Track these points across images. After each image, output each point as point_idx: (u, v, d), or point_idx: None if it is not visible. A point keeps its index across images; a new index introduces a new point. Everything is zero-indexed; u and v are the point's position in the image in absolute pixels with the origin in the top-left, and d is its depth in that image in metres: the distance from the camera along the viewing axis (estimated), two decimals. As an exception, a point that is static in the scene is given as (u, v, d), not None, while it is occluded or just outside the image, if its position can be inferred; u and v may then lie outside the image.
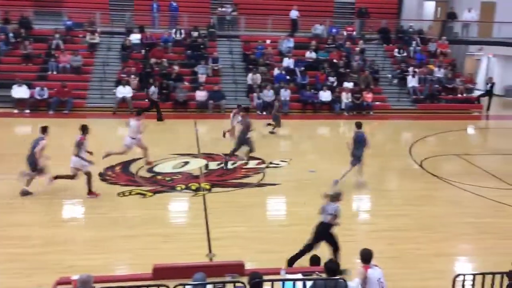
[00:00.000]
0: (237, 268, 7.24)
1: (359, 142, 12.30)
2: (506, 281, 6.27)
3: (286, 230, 10.19)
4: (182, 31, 24.16)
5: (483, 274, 6.43)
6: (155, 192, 11.96)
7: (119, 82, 20.90)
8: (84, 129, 11.44)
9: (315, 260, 7.42)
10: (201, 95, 20.95)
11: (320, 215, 8.41)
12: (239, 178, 13.21)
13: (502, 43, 26.02)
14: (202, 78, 21.96)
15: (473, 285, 6.58)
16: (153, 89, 19.93)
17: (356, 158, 12.38)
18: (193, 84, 21.89)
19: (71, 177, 11.36)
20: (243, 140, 14.05)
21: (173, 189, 12.21)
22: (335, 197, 8.41)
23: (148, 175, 13.14)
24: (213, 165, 13.93)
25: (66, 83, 20.33)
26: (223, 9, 25.97)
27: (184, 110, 20.90)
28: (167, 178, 12.84)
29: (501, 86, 26.72)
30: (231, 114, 16.37)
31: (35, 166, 11.19)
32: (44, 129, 11.47)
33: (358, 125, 12.49)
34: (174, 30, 24.11)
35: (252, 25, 25.54)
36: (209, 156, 14.74)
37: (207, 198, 11.74)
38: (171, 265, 7.64)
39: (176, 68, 21.88)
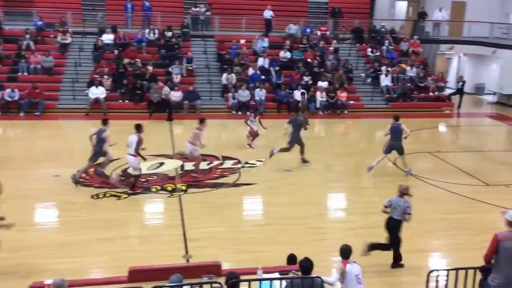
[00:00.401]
0: (214, 269, 7.23)
1: (396, 133, 13.30)
2: (479, 276, 6.40)
3: (262, 229, 10.21)
4: (156, 31, 23.97)
5: (457, 269, 6.55)
6: (130, 194, 11.83)
7: (91, 83, 20.61)
8: (139, 127, 11.82)
9: (292, 259, 7.44)
10: (175, 95, 20.83)
11: (387, 210, 8.55)
12: (214, 178, 13.17)
13: (472, 42, 26.59)
14: (176, 78, 21.83)
15: (446, 280, 6.70)
16: (166, 88, 20.26)
17: (389, 148, 13.45)
18: (167, 85, 21.72)
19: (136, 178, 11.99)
20: (297, 139, 14.17)
21: (148, 190, 12.11)
22: (404, 192, 8.45)
23: (122, 176, 12.99)
24: (188, 166, 13.85)
25: (37, 84, 19.93)
26: (197, 9, 25.86)
27: (161, 111, 20.74)
28: (142, 180, 12.72)
29: (471, 84, 27.23)
30: (248, 121, 16.05)
31: (103, 155, 12.17)
32: (105, 121, 12.28)
33: (396, 118, 13.64)
34: (147, 30, 23.90)
35: (226, 25, 25.50)
36: (185, 157, 14.65)
37: (183, 199, 11.68)
38: (147, 267, 7.57)
39: (150, 68, 21.70)
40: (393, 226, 8.44)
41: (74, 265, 8.35)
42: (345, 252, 6.61)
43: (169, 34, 23.77)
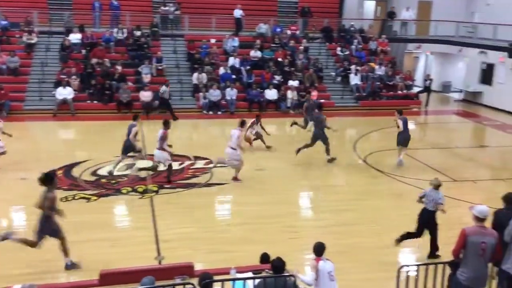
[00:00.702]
0: (186, 270, 7.16)
1: (407, 126, 14.06)
2: (448, 271, 6.53)
3: (235, 229, 10.19)
4: (124, 30, 23.66)
5: (426, 264, 6.68)
6: (100, 195, 11.67)
7: (58, 83, 20.21)
8: (166, 123, 12.40)
9: (265, 258, 7.45)
10: (145, 95, 20.61)
11: (422, 200, 8.87)
12: (186, 178, 13.09)
13: (438, 41, 27.13)
14: (146, 78, 21.60)
15: (417, 275, 6.82)
16: (164, 88, 20.16)
17: (405, 140, 14.20)
18: (137, 85, 21.50)
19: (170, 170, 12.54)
20: (319, 136, 14.34)
21: (119, 192, 11.95)
22: (438, 184, 8.61)
23: (92, 178, 12.79)
24: (160, 167, 13.71)
25: (2, 85, 19.43)
26: (166, 8, 25.63)
27: (129, 111, 20.50)
28: (112, 181, 12.55)
29: (438, 83, 27.80)
30: (251, 128, 15.61)
31: (133, 149, 12.92)
32: (135, 117, 13.15)
33: (400, 112, 14.32)
34: (116, 30, 23.57)
35: (196, 24, 25.35)
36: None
37: (155, 200, 11.56)
38: (118, 270, 7.45)
39: (119, 68, 21.41)
40: (428, 217, 8.80)
41: (43, 269, 8.17)
42: (318, 249, 6.67)
43: (138, 33, 23.50)
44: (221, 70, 22.47)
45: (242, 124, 12.89)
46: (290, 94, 21.84)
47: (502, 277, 6.28)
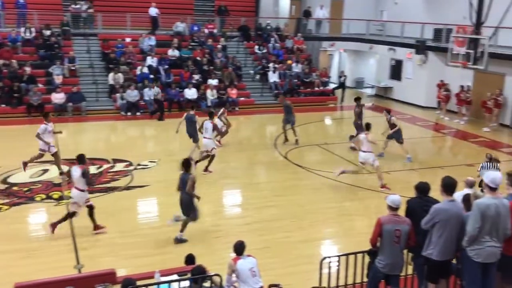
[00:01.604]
0: (108, 277, 6.93)
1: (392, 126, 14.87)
2: (367, 259, 6.79)
3: (158, 232, 10.01)
4: (32, 29, 22.45)
5: (347, 254, 6.90)
6: (12, 204, 11.01)
7: (-39, 87, 18.85)
8: (211, 114, 13.89)
9: (190, 259, 7.38)
10: (58, 97, 19.71)
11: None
12: (105, 182, 12.68)
13: (350, 38, 28.18)
14: (58, 79, 20.65)
15: (338, 265, 7.04)
16: (156, 89, 20.25)
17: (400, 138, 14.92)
18: (48, 86, 20.51)
19: (209, 157, 13.31)
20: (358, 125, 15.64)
21: (32, 200, 11.35)
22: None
23: (2, 186, 12.04)
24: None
25: None
26: (77, 6, 24.60)
27: (40, 114, 19.52)
28: (25, 189, 11.90)
29: (352, 79, 28.90)
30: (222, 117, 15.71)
31: (195, 137, 14.16)
32: (192, 107, 14.98)
33: (389, 111, 15.36)
34: (23, 29, 22.31)
35: (110, 22, 24.56)
36: (72, 162, 13.90)
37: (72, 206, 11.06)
38: (35, 282, 7.06)
39: (27, 69, 20.29)
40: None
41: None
42: (238, 249, 6.70)
43: (48, 32, 22.41)
44: (139, 70, 21.96)
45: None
46: (209, 93, 21.77)
47: (418, 263, 6.62)
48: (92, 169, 13.11)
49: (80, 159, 9.71)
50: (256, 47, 25.61)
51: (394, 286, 6.53)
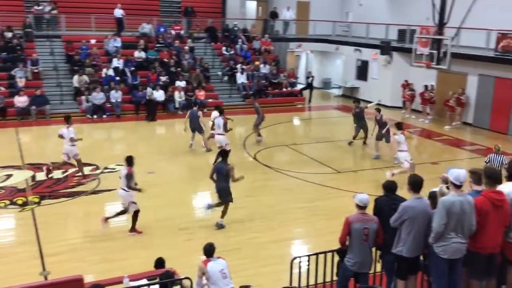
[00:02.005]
0: (75, 284, 6.76)
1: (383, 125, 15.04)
2: (336, 258, 6.84)
3: (127, 236, 9.86)
4: (-6, 31, 21.88)
5: (317, 254, 6.94)
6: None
7: None
8: (221, 111, 14.71)
9: (160, 263, 7.29)
10: (21, 100, 19.22)
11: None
12: (71, 187, 12.42)
13: (317, 39, 28.43)
14: (21, 82, 20.14)
15: (308, 265, 7.08)
16: (150, 90, 20.34)
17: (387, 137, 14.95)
18: (10, 89, 19.98)
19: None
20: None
21: (-5, 206, 11.02)
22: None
23: (-37, 193, 11.67)
24: (41, 176, 12.87)
25: None
26: (40, 7, 24.06)
27: (2, 118, 19.03)
28: (-13, 195, 11.54)
29: (319, 79, 29.16)
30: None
31: (201, 129, 15.16)
32: (195, 104, 16.46)
33: (379, 110, 15.34)
34: (-17, 31, 21.72)
35: (74, 24, 24.08)
36: (36, 167, 13.60)
37: (37, 212, 10.81)
38: (-1, 291, 6.87)
39: (-12, 72, 19.75)
40: None
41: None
42: (208, 251, 6.67)
43: (10, 35, 21.84)
44: (104, 72, 21.62)
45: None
46: (177, 95, 21.60)
47: (386, 260, 6.70)
48: (57, 174, 12.85)
49: (128, 161, 9.73)
50: (224, 48, 25.56)
51: (363, 284, 6.60)
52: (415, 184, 6.19)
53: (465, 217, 5.83)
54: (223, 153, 10.47)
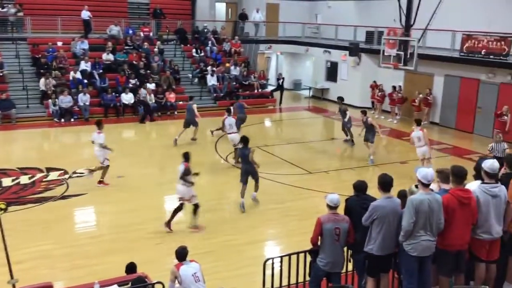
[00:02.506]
0: (45, 291, 6.65)
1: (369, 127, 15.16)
2: (309, 259, 6.88)
3: (97, 241, 9.72)
4: (-45, 33, 21.27)
5: (289, 255, 6.96)
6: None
7: None
8: (229, 111, 15.33)
9: (131, 268, 7.20)
10: (-15, 105, 18.75)
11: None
12: (39, 192, 12.16)
13: (287, 41, 28.59)
14: (-15, 86, 19.65)
15: (281, 266, 7.10)
16: (142, 91, 20.83)
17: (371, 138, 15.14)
18: (-26, 93, 19.46)
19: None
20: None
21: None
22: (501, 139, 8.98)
23: None
24: (7, 182, 12.56)
25: None
26: (4, 9, 23.49)
27: None
28: (-50, 202, 11.18)
29: (289, 81, 29.31)
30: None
31: (194, 124, 16.46)
32: (191, 98, 17.83)
33: (365, 112, 15.44)
34: None
35: (40, 26, 23.59)
36: (2, 172, 13.27)
37: (3, 218, 10.49)
38: (-36, 301, 6.67)
39: (-50, 76, 19.18)
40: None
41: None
42: (180, 255, 6.63)
43: (-28, 37, 21.28)
44: (71, 75, 21.24)
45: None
46: (147, 97, 21.38)
47: (358, 259, 6.77)
48: (24, 179, 12.57)
49: (185, 157, 10.21)
50: (194, 50, 25.45)
51: (335, 284, 6.66)
52: (385, 183, 6.27)
53: (433, 215, 5.94)
54: (245, 140, 11.65)
